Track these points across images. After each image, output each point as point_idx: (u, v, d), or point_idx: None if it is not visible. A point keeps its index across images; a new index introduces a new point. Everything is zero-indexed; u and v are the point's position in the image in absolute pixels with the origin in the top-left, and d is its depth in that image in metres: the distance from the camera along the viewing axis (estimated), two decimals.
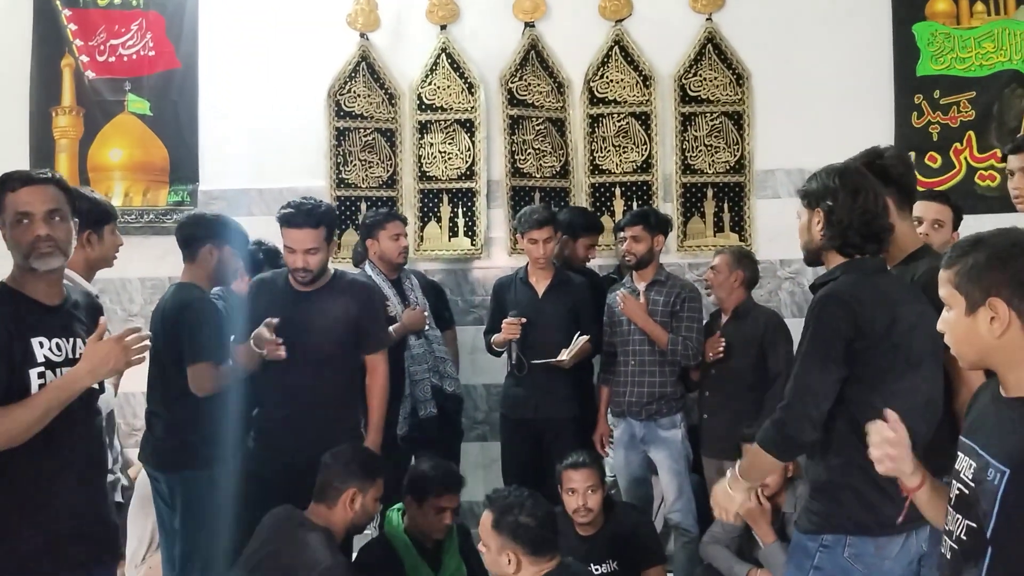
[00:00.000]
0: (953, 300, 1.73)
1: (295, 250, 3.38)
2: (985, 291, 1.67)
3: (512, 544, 2.69)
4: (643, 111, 5.03)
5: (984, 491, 1.66)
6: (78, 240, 2.91)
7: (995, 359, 1.71)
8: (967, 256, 1.71)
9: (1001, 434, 1.68)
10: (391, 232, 4.16)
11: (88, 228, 3.05)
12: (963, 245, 1.74)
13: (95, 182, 5.16)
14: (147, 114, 5.20)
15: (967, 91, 4.85)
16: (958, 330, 1.73)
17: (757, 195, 4.99)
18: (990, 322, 1.67)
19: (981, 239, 1.73)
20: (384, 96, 5.12)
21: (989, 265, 1.67)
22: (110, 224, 3.16)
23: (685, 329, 4.09)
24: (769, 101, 4.97)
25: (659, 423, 4.12)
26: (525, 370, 4.07)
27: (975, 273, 1.69)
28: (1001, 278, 1.66)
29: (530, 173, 5.07)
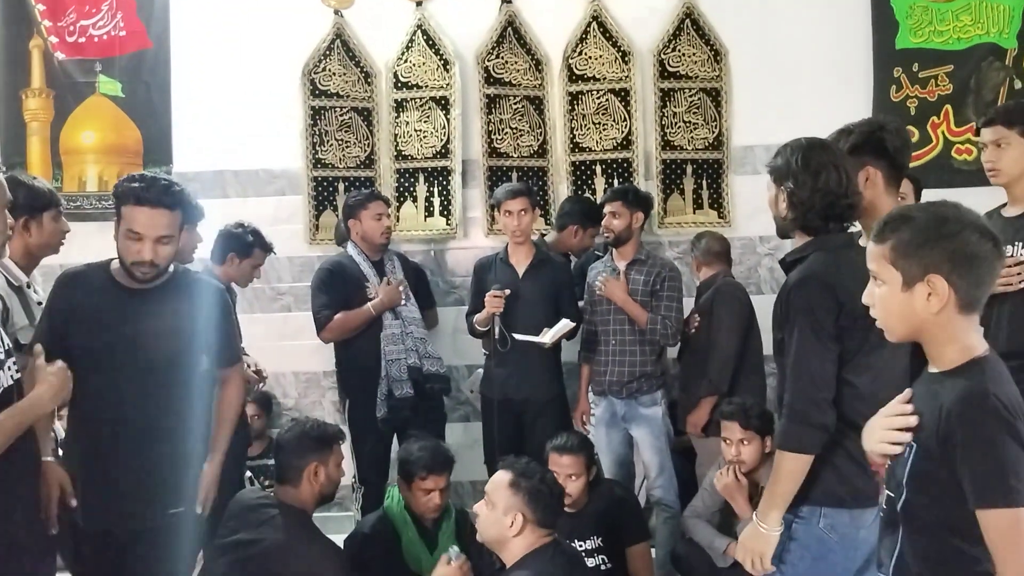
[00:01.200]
0: (886, 275, 1.71)
1: (142, 236, 2.66)
2: (924, 267, 1.66)
3: (524, 507, 2.71)
4: (622, 87, 5.00)
5: (899, 464, 1.72)
6: (16, 227, 2.90)
7: (926, 334, 1.71)
8: (900, 231, 1.69)
9: (917, 409, 1.71)
10: (373, 212, 4.14)
11: (25, 215, 2.98)
12: (893, 219, 1.73)
13: (68, 165, 5.09)
14: (119, 96, 5.11)
15: (945, 64, 4.85)
16: (891, 304, 1.72)
17: (736, 172, 4.99)
18: (927, 298, 1.66)
19: (911, 214, 1.72)
20: (360, 74, 5.06)
21: (927, 241, 1.66)
22: (51, 211, 3.08)
23: (664, 308, 4.10)
24: (747, 77, 4.96)
25: (640, 401, 4.14)
26: (508, 345, 4.06)
27: (912, 248, 1.67)
28: (940, 254, 1.65)
29: (507, 152, 5.03)
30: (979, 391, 1.61)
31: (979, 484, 1.58)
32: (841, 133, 2.65)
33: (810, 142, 2.42)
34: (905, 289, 1.69)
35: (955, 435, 1.60)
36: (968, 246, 1.65)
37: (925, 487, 1.67)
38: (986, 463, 1.57)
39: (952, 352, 1.68)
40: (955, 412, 1.61)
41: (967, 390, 1.62)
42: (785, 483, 2.27)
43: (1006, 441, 1.57)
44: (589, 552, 3.59)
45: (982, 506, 1.58)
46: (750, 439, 3.62)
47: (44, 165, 5.10)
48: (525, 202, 4.11)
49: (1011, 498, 1.56)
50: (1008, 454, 1.57)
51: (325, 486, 2.99)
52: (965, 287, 1.65)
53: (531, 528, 2.72)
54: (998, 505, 1.56)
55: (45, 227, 3.07)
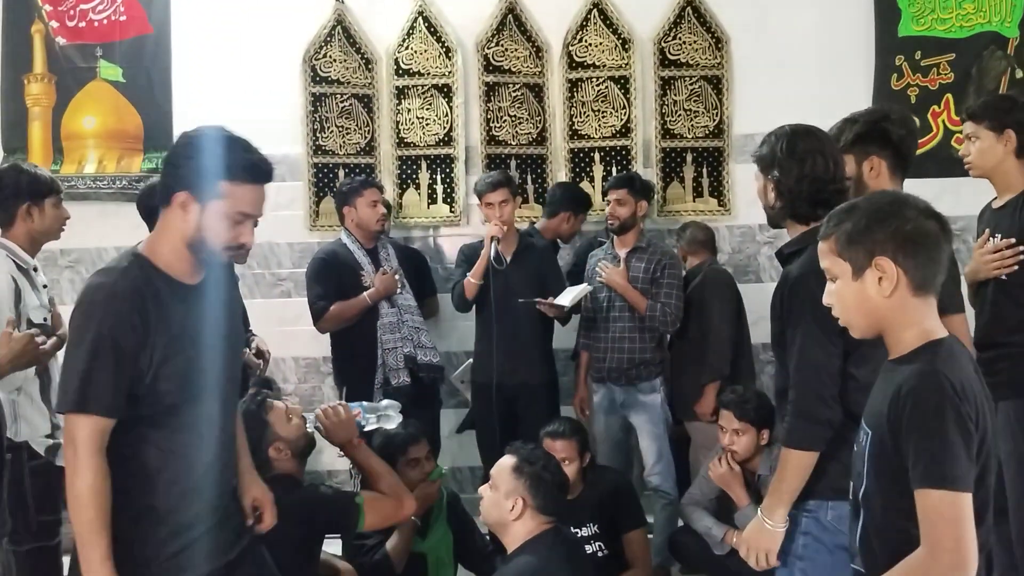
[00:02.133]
0: (837, 268, 1.73)
1: (249, 216, 2.24)
2: (869, 252, 1.68)
3: (526, 492, 2.74)
4: (622, 75, 4.99)
5: (858, 454, 1.76)
6: (19, 213, 3.06)
7: (886, 322, 1.72)
8: (844, 222, 1.71)
9: (875, 398, 1.74)
10: (368, 199, 4.14)
11: (27, 201, 3.09)
12: (838, 213, 1.75)
13: (69, 150, 5.09)
14: (120, 81, 5.11)
15: (947, 53, 4.83)
16: (847, 298, 1.73)
17: (736, 160, 4.98)
18: (879, 283, 1.67)
19: (855, 204, 1.74)
20: (360, 61, 5.06)
21: (868, 226, 1.68)
22: (52, 197, 3.17)
23: (664, 295, 4.11)
24: (748, 65, 4.94)
25: (639, 388, 4.15)
26: (504, 264, 4.08)
27: (856, 236, 1.69)
28: (882, 236, 1.67)
29: (505, 140, 5.03)
30: (929, 372, 1.63)
31: (919, 464, 1.59)
32: (846, 122, 2.65)
33: (794, 128, 2.39)
34: (856, 277, 1.70)
35: (904, 417, 1.62)
36: (909, 225, 1.67)
37: (880, 472, 1.69)
38: (927, 444, 1.59)
39: (910, 337, 1.70)
40: (904, 392, 1.63)
41: (919, 371, 1.64)
42: (792, 479, 2.23)
43: (948, 424, 1.58)
44: (586, 539, 3.61)
45: (921, 485, 1.59)
46: (744, 430, 3.63)
47: (45, 150, 5.11)
48: (506, 193, 4.12)
49: (948, 481, 1.57)
50: (949, 436, 1.58)
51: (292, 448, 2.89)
52: (913, 267, 1.66)
53: (531, 513, 2.74)
54: (932, 486, 1.57)
55: (47, 213, 3.15)
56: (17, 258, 3.06)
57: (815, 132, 2.39)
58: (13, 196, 3.08)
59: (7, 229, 3.11)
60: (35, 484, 2.96)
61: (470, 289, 4.12)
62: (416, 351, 4.09)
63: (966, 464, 1.58)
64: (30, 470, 2.95)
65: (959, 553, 1.56)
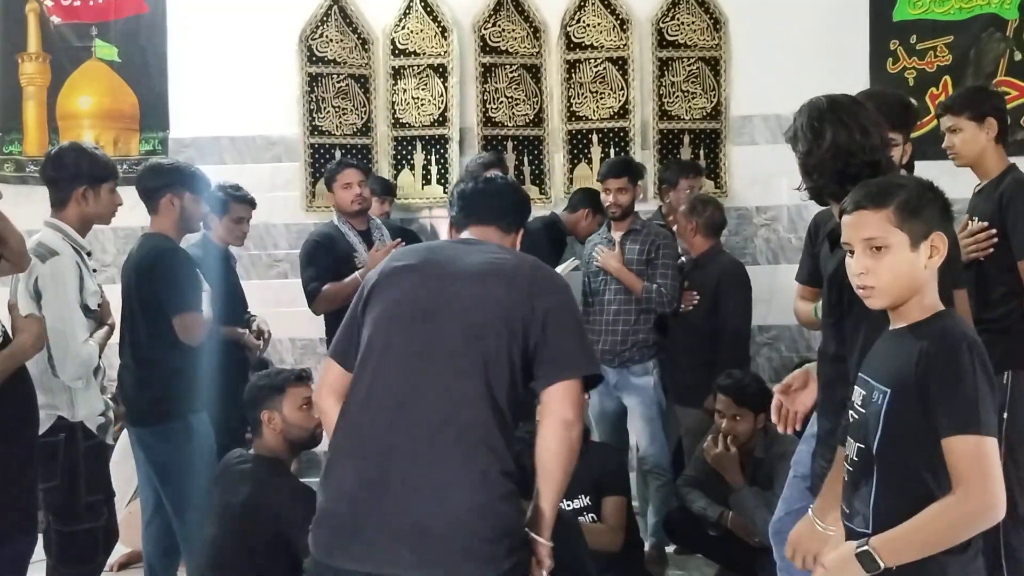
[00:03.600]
0: (894, 238, 1.77)
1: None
2: (928, 225, 1.76)
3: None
4: (620, 56, 4.97)
5: (871, 413, 1.80)
6: (74, 195, 3.02)
7: (916, 292, 1.79)
8: (896, 195, 1.77)
9: (886, 360, 1.81)
10: (342, 182, 4.09)
11: (85, 184, 3.05)
12: (884, 186, 1.82)
13: (64, 131, 5.07)
14: (115, 60, 5.10)
15: (944, 35, 4.81)
16: (899, 267, 1.77)
17: (733, 141, 4.97)
18: (929, 257, 1.76)
19: (898, 180, 1.84)
20: (357, 41, 5.04)
21: (927, 201, 1.78)
22: (109, 183, 3.13)
23: (660, 276, 4.11)
24: (746, 46, 4.93)
25: (632, 370, 4.17)
26: None
27: (916, 209, 1.76)
28: (935, 212, 1.78)
29: (502, 122, 5.02)
30: (957, 332, 1.74)
31: (952, 414, 1.67)
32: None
33: (814, 102, 2.29)
34: (913, 249, 1.76)
35: (934, 371, 1.69)
36: (945, 207, 1.81)
37: (900, 430, 1.75)
38: (960, 394, 1.67)
39: (916, 309, 1.79)
40: (934, 351, 1.71)
41: (945, 331, 1.74)
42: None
43: (978, 375, 1.68)
44: (577, 511, 3.63)
45: (952, 433, 1.66)
46: (743, 415, 3.65)
47: (40, 130, 5.10)
48: (501, 173, 4.12)
49: (980, 427, 1.65)
50: (979, 387, 1.67)
51: (287, 430, 2.96)
52: (948, 245, 1.78)
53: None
54: (967, 431, 1.65)
55: (102, 198, 3.11)
56: (74, 242, 3.04)
57: (838, 102, 2.28)
58: (72, 178, 3.03)
59: (60, 210, 3.06)
60: (87, 465, 3.00)
61: None
62: None
63: (993, 413, 1.68)
64: (84, 450, 2.99)
65: (992, 494, 1.64)
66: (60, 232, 3.03)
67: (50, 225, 3.05)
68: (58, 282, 2.90)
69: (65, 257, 2.96)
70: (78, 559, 3.02)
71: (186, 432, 3.26)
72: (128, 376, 3.34)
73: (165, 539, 3.39)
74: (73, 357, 2.88)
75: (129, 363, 3.34)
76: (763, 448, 3.69)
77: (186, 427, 3.25)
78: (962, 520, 1.66)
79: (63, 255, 2.95)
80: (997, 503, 1.64)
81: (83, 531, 3.01)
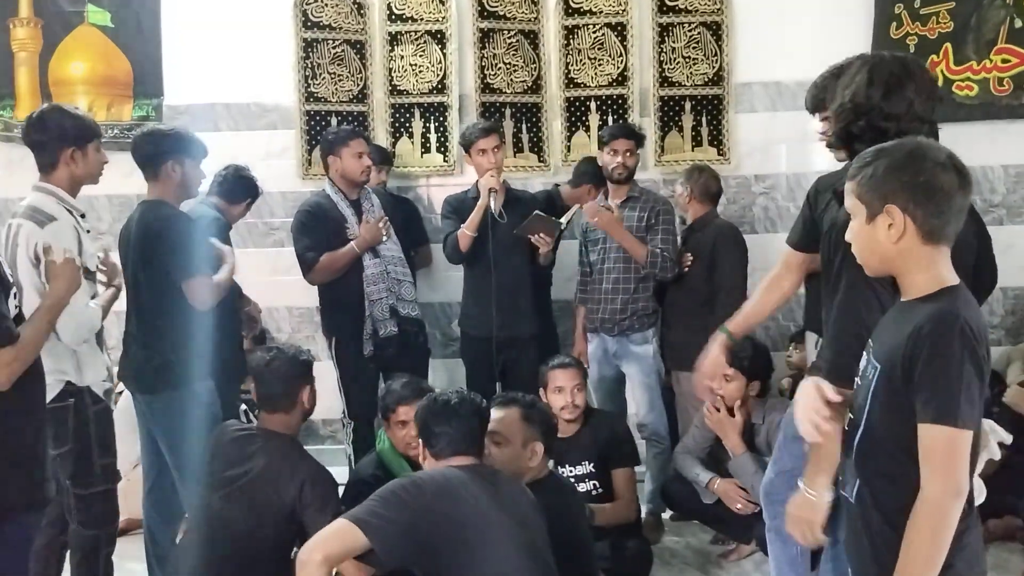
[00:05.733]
0: (856, 209, 1.80)
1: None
2: (883, 198, 1.74)
3: (539, 436, 2.86)
4: (619, 21, 4.92)
5: (863, 386, 1.81)
6: (63, 158, 2.99)
7: (894, 265, 1.79)
8: (868, 166, 1.77)
9: (887, 334, 1.80)
10: (355, 150, 4.07)
11: (72, 146, 3.02)
12: (865, 156, 1.80)
13: (57, 96, 5.01)
14: (108, 26, 5.02)
15: (947, 1, 4.77)
16: (861, 238, 1.81)
17: (736, 108, 4.92)
18: (888, 228, 1.73)
19: (882, 149, 1.78)
20: (353, 6, 4.98)
21: (886, 174, 1.74)
22: (94, 142, 3.10)
23: (661, 242, 4.11)
24: (748, 11, 4.87)
25: (631, 338, 4.17)
26: (505, 218, 4.08)
27: (874, 182, 1.75)
28: (897, 185, 1.73)
29: (500, 88, 4.97)
30: (950, 312, 1.69)
31: (930, 400, 1.66)
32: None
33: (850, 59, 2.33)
34: (869, 221, 1.77)
35: (920, 351, 1.68)
36: (923, 177, 1.71)
37: (886, 407, 1.75)
38: (942, 380, 1.66)
39: (923, 281, 1.76)
40: (925, 330, 1.68)
41: (938, 311, 1.70)
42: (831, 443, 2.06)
43: (965, 363, 1.66)
44: (580, 477, 3.67)
45: (928, 420, 1.66)
46: (733, 376, 3.66)
47: (33, 96, 5.04)
48: (497, 139, 4.10)
49: (956, 419, 1.65)
50: (964, 376, 1.65)
51: (310, 408, 3.03)
52: (922, 217, 1.72)
53: (543, 457, 2.87)
54: (943, 422, 1.65)
55: (90, 157, 3.08)
56: (68, 205, 3.03)
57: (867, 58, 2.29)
58: (58, 140, 3.00)
59: (49, 173, 3.03)
60: (96, 428, 3.05)
61: (464, 241, 4.09)
62: (397, 304, 4.08)
63: (974, 404, 1.66)
64: (93, 414, 3.03)
65: (956, 484, 1.67)
66: (53, 196, 3.00)
67: (41, 189, 3.02)
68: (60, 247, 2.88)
69: (63, 222, 2.95)
70: (100, 520, 3.09)
71: (192, 400, 3.27)
72: (133, 344, 3.35)
73: (165, 507, 3.41)
74: (75, 320, 2.87)
75: (134, 331, 3.35)
76: (760, 415, 3.70)
77: (192, 395, 3.26)
78: (939, 518, 1.67)
79: (60, 220, 2.94)
80: (960, 492, 1.67)
81: (100, 492, 3.07)
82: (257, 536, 2.75)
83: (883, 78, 2.20)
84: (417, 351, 4.20)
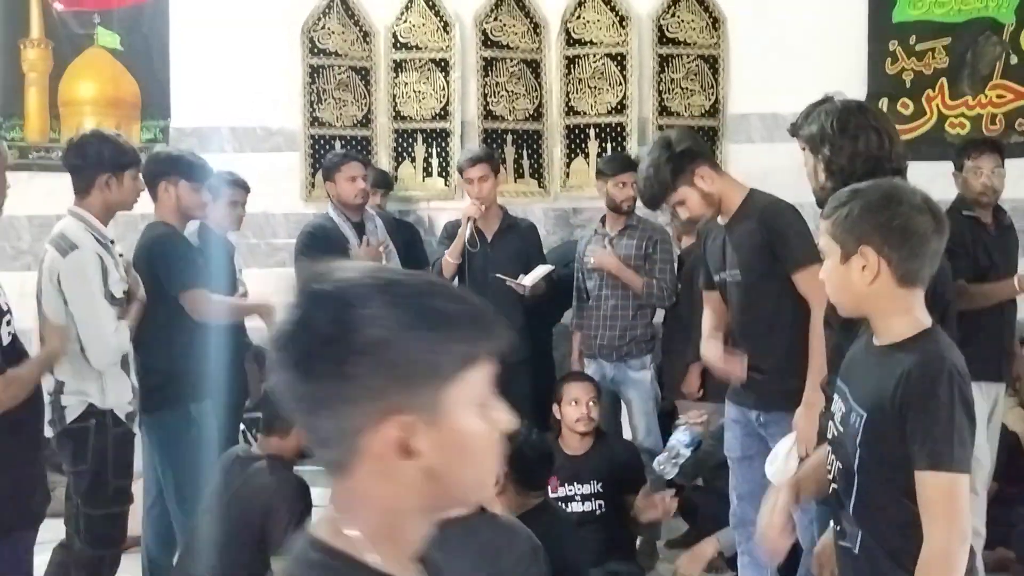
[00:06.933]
0: (830, 249, 1.78)
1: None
2: (857, 240, 1.72)
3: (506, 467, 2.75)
4: (619, 52, 5.01)
5: (848, 434, 1.78)
6: (98, 183, 3.01)
7: (867, 307, 1.78)
8: (844, 206, 1.75)
9: (866, 378, 1.78)
10: (347, 175, 4.11)
11: (108, 172, 3.03)
12: (841, 196, 1.79)
13: (65, 117, 5.09)
14: (117, 48, 5.10)
15: (943, 37, 4.85)
16: (834, 278, 1.79)
17: (731, 139, 5.01)
18: (862, 270, 1.72)
19: (857, 190, 1.78)
20: (359, 33, 5.06)
21: (862, 215, 1.73)
22: (131, 169, 3.13)
23: (659, 271, 4.15)
24: (745, 45, 4.96)
25: (629, 364, 4.20)
26: (478, 245, 4.14)
27: (849, 223, 1.74)
28: (871, 227, 1.71)
29: (502, 116, 5.05)
30: (937, 357, 1.69)
31: (926, 446, 1.65)
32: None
33: (845, 104, 2.32)
34: (843, 262, 1.75)
35: (912, 398, 1.66)
36: (897, 220, 1.71)
37: (879, 456, 1.73)
38: (936, 427, 1.65)
39: (900, 325, 1.75)
40: (915, 376, 1.67)
41: (924, 356, 1.69)
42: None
43: (955, 407, 1.65)
44: (586, 496, 3.70)
45: (925, 468, 1.65)
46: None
47: (42, 116, 5.11)
48: (485, 169, 4.13)
49: (952, 464, 1.64)
50: (955, 419, 1.65)
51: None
52: (898, 259, 1.70)
53: (515, 491, 2.78)
54: (939, 468, 1.64)
55: (125, 185, 3.09)
56: (97, 232, 3.03)
57: (866, 108, 2.34)
58: (95, 166, 3.02)
59: (83, 197, 3.05)
60: (115, 451, 3.04)
61: (447, 268, 4.16)
62: None
63: (966, 446, 1.66)
64: (113, 437, 3.02)
65: (961, 531, 1.66)
66: (83, 222, 3.02)
67: (73, 214, 3.04)
68: (80, 277, 2.92)
69: (86, 250, 2.95)
70: (106, 542, 3.08)
71: (186, 421, 3.28)
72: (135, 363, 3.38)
73: (165, 526, 3.42)
74: (103, 345, 2.92)
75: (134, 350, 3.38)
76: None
77: (186, 415, 3.28)
78: (948, 567, 1.66)
79: (83, 248, 2.95)
80: (965, 538, 1.67)
81: (111, 515, 3.06)
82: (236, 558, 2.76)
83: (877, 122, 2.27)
84: None
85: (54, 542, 3.14)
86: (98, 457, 2.99)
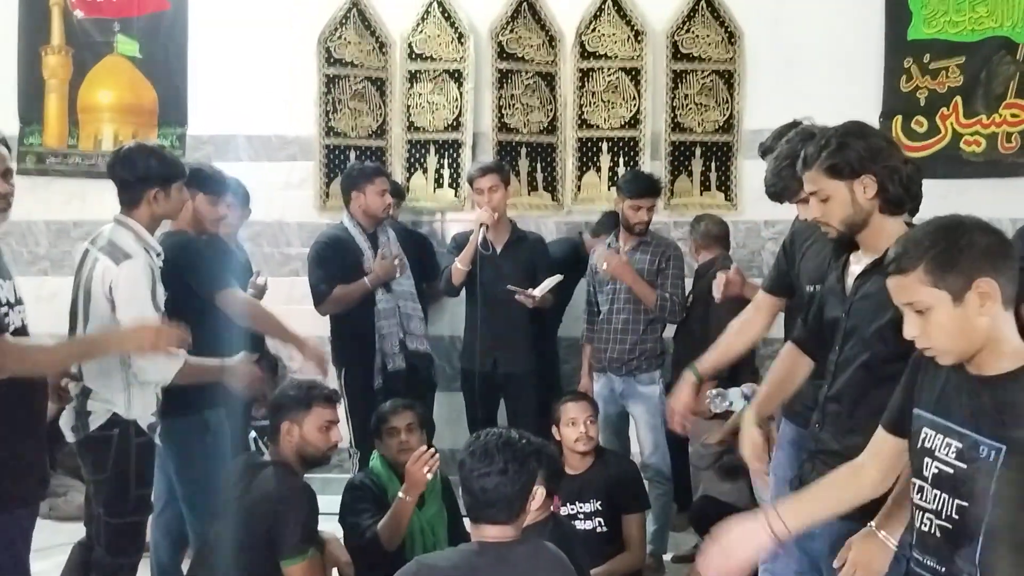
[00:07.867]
0: (933, 298, 1.67)
1: None
2: (967, 275, 1.64)
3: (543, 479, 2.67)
4: (633, 67, 5.03)
5: (977, 469, 1.65)
6: (146, 197, 3.02)
7: (984, 341, 1.68)
8: (926, 253, 1.67)
9: (989, 412, 1.66)
10: (379, 188, 4.16)
11: (157, 186, 3.04)
12: (907, 247, 1.70)
13: (84, 123, 5.15)
14: (136, 56, 5.17)
15: (957, 56, 4.85)
16: (948, 326, 1.67)
17: (745, 155, 5.01)
18: (981, 306, 1.64)
19: (919, 237, 1.69)
20: (375, 44, 5.10)
21: (959, 250, 1.65)
22: (178, 182, 3.14)
23: (671, 287, 4.15)
24: (760, 61, 4.97)
25: (638, 379, 4.20)
26: (491, 250, 4.17)
27: (948, 263, 1.65)
28: (975, 258, 1.64)
29: (516, 128, 5.08)
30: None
31: None
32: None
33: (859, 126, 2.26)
34: (957, 304, 1.65)
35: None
36: (986, 241, 1.66)
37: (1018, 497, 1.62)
38: None
39: (1012, 350, 1.68)
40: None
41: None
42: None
43: None
44: (588, 515, 3.70)
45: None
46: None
47: (61, 123, 5.17)
48: (495, 179, 4.13)
49: None
50: None
51: (302, 444, 2.98)
52: (1004, 282, 1.65)
53: (546, 499, 2.80)
54: None
55: (172, 197, 3.10)
56: (146, 243, 3.04)
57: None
58: (143, 180, 3.02)
59: (130, 209, 3.05)
60: (137, 461, 3.02)
61: (457, 275, 4.18)
62: (406, 338, 4.16)
63: None
64: (136, 447, 3.01)
65: None
66: (132, 232, 3.01)
67: (121, 223, 3.04)
68: (134, 286, 2.92)
69: (139, 260, 2.95)
70: (124, 550, 3.07)
71: (201, 428, 3.30)
72: None
73: (175, 530, 3.44)
74: (158, 358, 2.90)
75: None
76: None
77: (201, 422, 3.29)
78: None
79: (136, 258, 2.95)
80: None
81: (131, 524, 3.05)
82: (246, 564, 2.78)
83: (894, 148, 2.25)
84: (424, 385, 4.27)
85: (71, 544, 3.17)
86: (120, 467, 2.97)
